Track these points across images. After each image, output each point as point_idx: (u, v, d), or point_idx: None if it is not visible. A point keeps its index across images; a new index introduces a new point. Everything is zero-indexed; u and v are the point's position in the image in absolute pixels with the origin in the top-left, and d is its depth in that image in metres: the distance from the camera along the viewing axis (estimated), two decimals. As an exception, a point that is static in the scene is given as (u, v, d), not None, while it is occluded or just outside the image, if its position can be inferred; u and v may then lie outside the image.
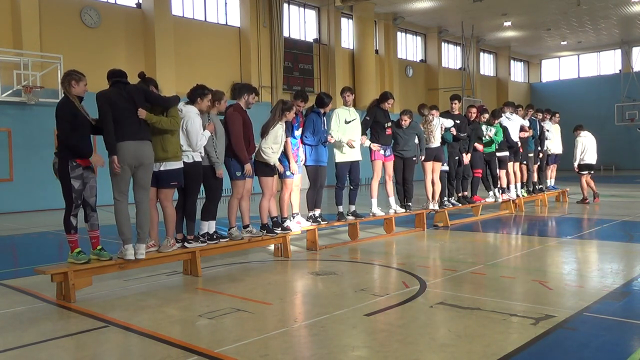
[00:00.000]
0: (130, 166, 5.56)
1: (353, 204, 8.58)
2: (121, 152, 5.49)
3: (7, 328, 4.54)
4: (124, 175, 5.57)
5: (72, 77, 5.44)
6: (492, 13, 26.10)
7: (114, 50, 17.21)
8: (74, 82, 5.42)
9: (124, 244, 5.62)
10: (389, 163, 9.07)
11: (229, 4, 20.89)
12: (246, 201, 7.03)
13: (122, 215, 5.60)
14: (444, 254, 7.71)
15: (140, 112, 5.61)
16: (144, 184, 5.71)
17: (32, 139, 14.73)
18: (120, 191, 5.61)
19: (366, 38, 24.93)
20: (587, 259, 7.11)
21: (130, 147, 5.51)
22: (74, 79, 5.42)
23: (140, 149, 5.58)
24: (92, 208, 5.58)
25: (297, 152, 7.72)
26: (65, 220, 5.41)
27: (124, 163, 5.51)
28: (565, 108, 28.92)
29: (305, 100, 7.87)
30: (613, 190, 17.80)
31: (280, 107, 7.25)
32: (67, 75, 5.47)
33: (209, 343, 4.00)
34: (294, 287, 5.93)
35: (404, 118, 9.07)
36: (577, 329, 4.17)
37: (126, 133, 5.51)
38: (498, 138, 11.08)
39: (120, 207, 5.61)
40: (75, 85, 5.42)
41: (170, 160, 5.93)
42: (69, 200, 5.37)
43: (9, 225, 12.02)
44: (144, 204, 5.75)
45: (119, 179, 5.56)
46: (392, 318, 4.58)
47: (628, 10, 26.31)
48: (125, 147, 5.50)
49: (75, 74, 5.49)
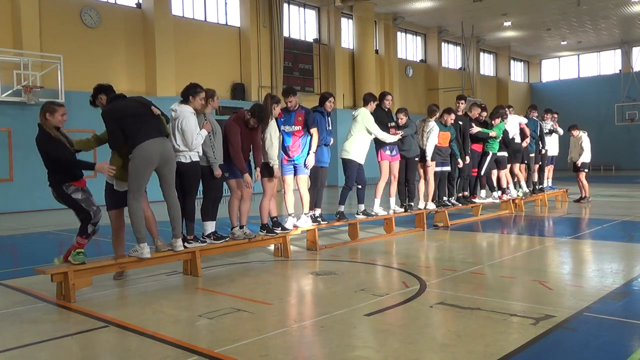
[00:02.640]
0: (156, 164, 5.70)
1: (363, 202, 8.62)
2: (148, 149, 5.61)
3: (7, 328, 4.54)
4: (147, 174, 5.71)
5: (45, 110, 5.44)
6: (492, 13, 26.11)
7: (114, 50, 17.22)
8: (48, 114, 5.42)
9: (140, 243, 5.74)
10: (394, 163, 9.07)
11: (229, 4, 20.89)
12: (246, 202, 7.03)
13: (140, 215, 5.75)
14: (444, 254, 7.71)
15: (154, 110, 5.83)
16: (171, 180, 5.90)
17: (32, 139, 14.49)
18: (140, 190, 5.73)
19: (366, 38, 24.93)
20: (587, 259, 7.11)
21: (157, 144, 5.66)
22: (47, 111, 5.42)
23: (165, 145, 5.77)
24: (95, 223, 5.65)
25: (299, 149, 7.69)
26: (83, 227, 5.50)
27: (151, 161, 5.65)
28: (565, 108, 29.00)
29: (291, 93, 7.66)
30: (613, 190, 17.81)
31: (269, 101, 7.24)
32: (41, 109, 5.48)
33: (209, 343, 4.00)
34: (294, 287, 5.93)
35: (400, 116, 9.06)
36: (577, 329, 4.17)
37: (151, 131, 5.66)
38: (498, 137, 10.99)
39: (138, 206, 5.72)
40: (50, 117, 5.42)
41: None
42: (84, 214, 5.47)
43: (9, 225, 12.02)
44: (175, 199, 5.96)
45: (141, 177, 5.67)
46: (392, 318, 4.58)
47: (628, 10, 26.32)
48: (153, 144, 5.64)
49: (50, 106, 5.48)
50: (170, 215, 6.01)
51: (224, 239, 6.66)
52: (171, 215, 6.01)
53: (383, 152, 8.94)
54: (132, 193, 5.70)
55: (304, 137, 7.70)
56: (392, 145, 8.93)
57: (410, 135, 9.20)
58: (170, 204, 5.99)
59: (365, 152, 8.49)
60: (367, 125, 8.38)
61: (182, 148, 6.11)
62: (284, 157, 7.72)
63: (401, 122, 9.07)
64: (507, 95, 34.71)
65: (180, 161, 6.09)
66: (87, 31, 16.69)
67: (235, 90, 20.44)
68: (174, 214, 6.01)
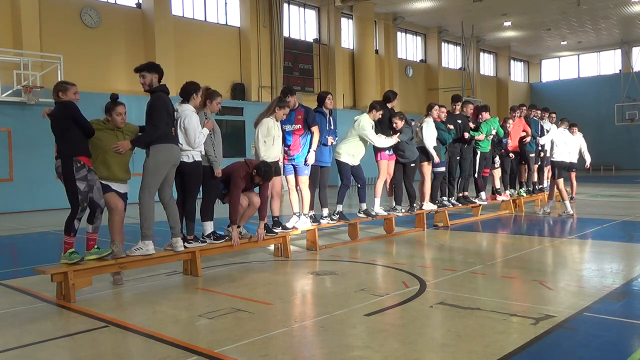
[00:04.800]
0: (171, 165, 5.91)
1: (364, 201, 8.61)
2: (169, 152, 5.85)
3: (7, 328, 4.54)
4: (163, 173, 5.87)
5: (58, 89, 5.45)
6: (492, 13, 26.11)
7: (114, 50, 17.22)
8: (61, 92, 5.43)
9: (145, 240, 5.82)
10: (391, 162, 9.07)
11: (229, 4, 20.89)
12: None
13: (152, 213, 5.88)
14: (444, 254, 7.71)
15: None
16: (171, 182, 6.10)
17: (32, 139, 14.72)
18: (156, 188, 5.87)
19: (366, 38, 24.94)
20: (587, 259, 7.11)
21: (176, 149, 5.94)
22: (60, 90, 5.43)
23: (179, 152, 6.03)
24: (102, 210, 5.58)
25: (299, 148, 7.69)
26: (69, 223, 5.36)
27: (169, 162, 5.84)
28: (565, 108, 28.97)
29: (290, 93, 7.68)
30: (613, 190, 17.80)
31: (275, 101, 7.27)
32: (54, 89, 5.49)
33: (209, 343, 4.00)
34: (294, 287, 5.93)
35: (395, 121, 8.87)
36: (577, 329, 4.17)
37: (172, 136, 5.95)
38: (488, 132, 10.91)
39: (152, 204, 5.86)
40: (62, 96, 5.42)
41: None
42: (75, 203, 5.33)
43: (9, 225, 12.02)
44: (172, 200, 6.08)
45: (157, 177, 5.82)
46: (392, 318, 4.58)
47: (628, 10, 26.32)
48: (174, 148, 5.90)
49: (62, 85, 5.48)
50: (171, 217, 6.03)
51: (223, 239, 6.67)
52: (172, 217, 6.03)
53: (382, 151, 8.93)
54: (147, 190, 5.82)
55: (305, 135, 7.70)
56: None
57: (406, 141, 8.99)
58: (170, 205, 6.02)
59: (359, 156, 8.46)
60: (361, 134, 8.36)
61: (185, 147, 6.13)
62: (284, 156, 7.74)
63: (396, 126, 8.96)
64: (507, 95, 34.73)
65: (183, 161, 6.11)
66: (87, 31, 16.69)
67: (235, 90, 20.45)
68: (174, 215, 6.04)
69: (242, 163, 6.81)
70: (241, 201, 6.81)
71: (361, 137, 8.40)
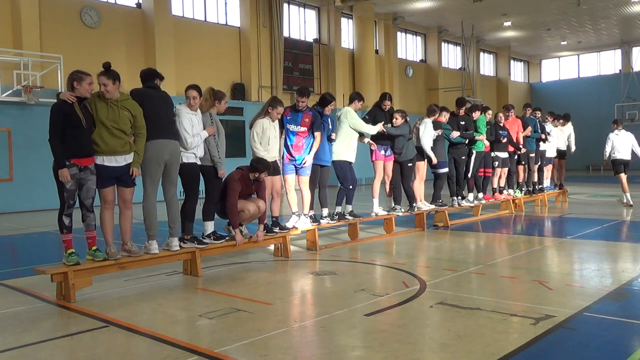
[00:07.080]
0: (164, 162, 5.87)
1: (350, 203, 8.56)
2: (157, 149, 5.78)
3: (7, 328, 4.54)
4: (159, 170, 5.88)
5: (73, 77, 5.43)
6: (492, 13, 26.10)
7: (114, 50, 17.20)
8: (76, 82, 5.41)
9: (150, 239, 5.88)
10: (388, 163, 9.06)
11: (229, 4, 20.88)
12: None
13: (152, 213, 5.92)
14: (444, 254, 7.71)
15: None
16: (174, 179, 6.09)
17: (32, 139, 14.70)
18: (154, 186, 5.90)
19: (366, 38, 24.93)
20: (587, 259, 7.10)
21: (167, 144, 5.87)
22: (75, 79, 5.41)
23: (176, 147, 6.00)
24: (88, 209, 5.54)
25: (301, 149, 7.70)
26: (59, 220, 5.42)
27: (160, 160, 5.82)
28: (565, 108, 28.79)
29: (305, 95, 7.69)
30: (613, 191, 17.80)
31: (268, 102, 7.27)
32: (69, 77, 5.48)
33: (209, 343, 4.00)
34: (294, 287, 5.93)
35: (396, 116, 8.92)
36: (577, 329, 4.17)
37: (163, 132, 5.86)
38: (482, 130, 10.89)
39: (151, 204, 5.90)
40: (77, 86, 5.40)
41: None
42: (62, 200, 5.38)
43: (9, 225, 12.02)
44: (175, 199, 6.09)
45: (154, 174, 5.84)
46: (392, 318, 4.58)
47: (628, 10, 26.31)
48: (163, 144, 5.84)
49: (76, 74, 5.46)
50: (170, 216, 6.08)
51: (224, 239, 6.67)
52: (171, 216, 6.07)
53: (377, 152, 8.93)
54: (148, 189, 5.88)
55: (308, 138, 7.72)
56: (385, 145, 8.91)
57: (404, 136, 8.95)
58: (171, 204, 6.11)
59: (354, 150, 8.40)
60: (349, 122, 8.30)
61: (181, 148, 6.16)
62: (286, 155, 7.73)
63: (396, 122, 8.97)
64: (507, 95, 34.70)
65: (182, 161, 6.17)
66: (87, 31, 16.68)
67: (235, 90, 20.45)
68: (174, 214, 6.08)
69: (236, 169, 6.87)
70: (248, 207, 6.83)
71: (351, 125, 8.36)
